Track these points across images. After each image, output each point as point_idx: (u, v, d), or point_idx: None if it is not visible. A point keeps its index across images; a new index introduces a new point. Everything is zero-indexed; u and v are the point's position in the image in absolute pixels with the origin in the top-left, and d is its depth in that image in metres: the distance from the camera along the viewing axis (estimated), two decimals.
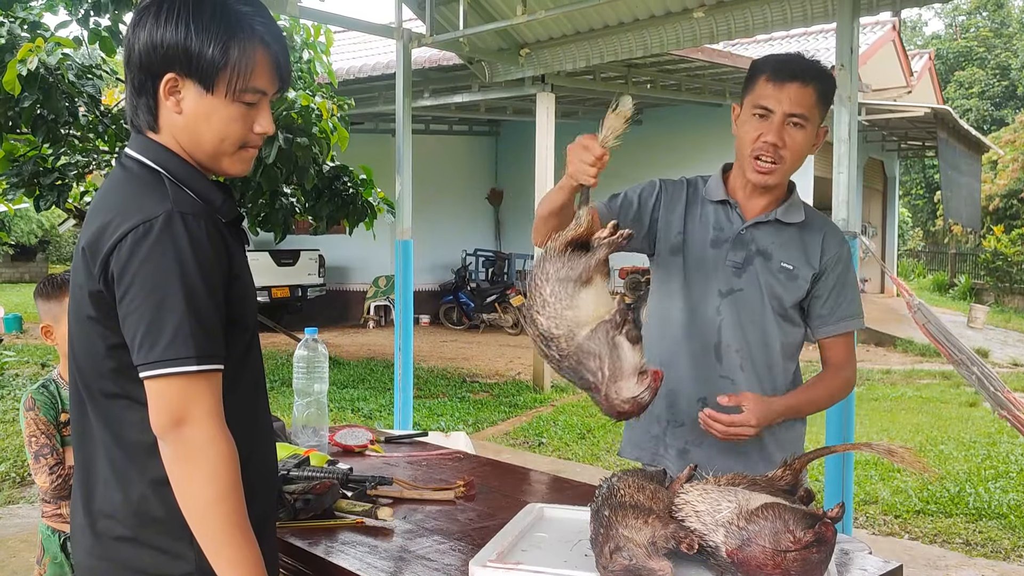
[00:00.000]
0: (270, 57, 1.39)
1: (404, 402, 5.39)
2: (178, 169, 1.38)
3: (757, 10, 5.18)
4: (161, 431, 1.29)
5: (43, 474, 2.29)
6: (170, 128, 1.39)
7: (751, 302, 1.99)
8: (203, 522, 1.29)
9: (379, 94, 10.94)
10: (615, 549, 1.41)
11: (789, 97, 1.89)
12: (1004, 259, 19.24)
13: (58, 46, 5.47)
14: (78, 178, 6.40)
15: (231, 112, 1.37)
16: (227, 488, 1.29)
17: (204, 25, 1.33)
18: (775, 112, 1.90)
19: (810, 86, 1.90)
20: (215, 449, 1.28)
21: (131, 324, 1.28)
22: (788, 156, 1.92)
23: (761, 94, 1.92)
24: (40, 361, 10.05)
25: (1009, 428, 5.81)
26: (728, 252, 2.00)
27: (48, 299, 2.37)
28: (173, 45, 1.33)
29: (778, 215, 2.01)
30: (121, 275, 1.28)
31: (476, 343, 12.71)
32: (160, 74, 1.35)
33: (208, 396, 1.29)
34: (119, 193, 1.37)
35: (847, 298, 2.02)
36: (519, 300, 13.44)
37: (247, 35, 1.36)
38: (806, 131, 1.92)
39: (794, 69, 1.91)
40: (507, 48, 6.69)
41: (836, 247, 2.01)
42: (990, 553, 4.53)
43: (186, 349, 1.27)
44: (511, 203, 15.93)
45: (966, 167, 15.74)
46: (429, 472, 2.36)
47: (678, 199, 2.08)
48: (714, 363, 2.00)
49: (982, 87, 31.74)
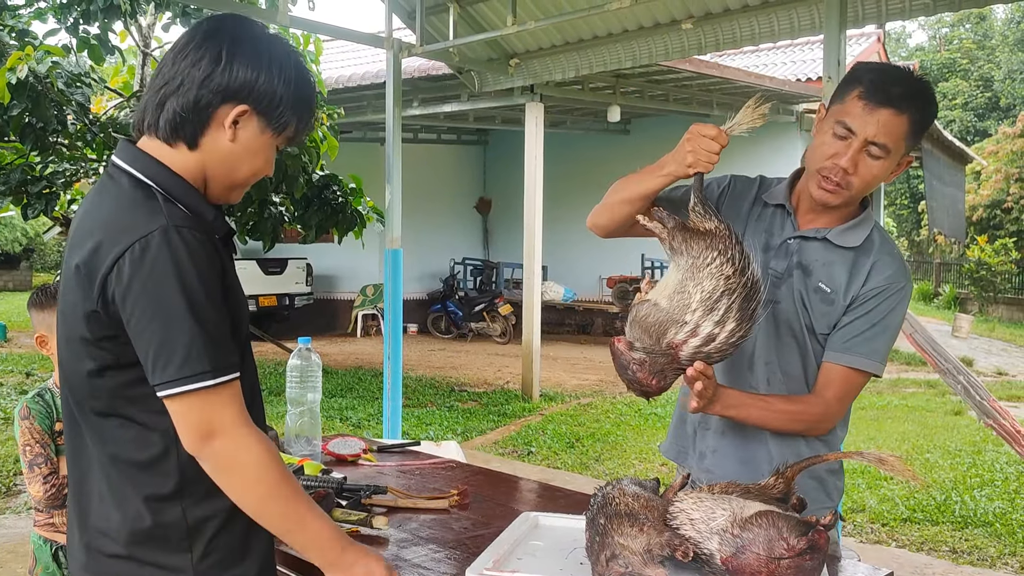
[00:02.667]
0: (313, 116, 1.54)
1: (393, 411, 5.39)
2: (169, 183, 1.37)
3: (744, 22, 5.24)
4: (194, 449, 1.31)
5: (36, 483, 2.28)
6: (210, 152, 1.40)
7: (787, 316, 1.87)
8: (264, 519, 1.35)
9: (368, 103, 10.95)
10: (611, 557, 1.42)
11: (877, 123, 1.71)
12: (988, 269, 19.42)
13: (47, 54, 5.47)
14: (66, 186, 6.39)
15: (269, 146, 1.45)
16: (274, 484, 1.33)
17: (298, 80, 1.43)
18: (857, 135, 1.73)
19: (905, 115, 1.72)
20: (250, 454, 1.32)
21: (142, 345, 1.29)
22: (856, 184, 1.77)
23: (848, 111, 1.74)
24: (24, 370, 9.97)
25: (994, 436, 5.87)
26: (771, 260, 1.89)
27: (42, 309, 2.36)
28: (264, 85, 1.39)
29: (830, 235, 1.85)
30: (124, 297, 1.28)
31: (464, 352, 12.70)
32: (234, 101, 1.38)
33: (231, 405, 1.32)
34: (110, 208, 1.35)
35: (869, 335, 1.81)
36: (507, 309, 13.46)
37: (311, 97, 1.48)
38: (884, 163, 1.75)
39: (891, 93, 1.71)
40: (496, 58, 6.72)
41: (883, 279, 1.82)
42: (976, 561, 4.56)
43: (200, 364, 1.28)
44: (499, 212, 15.95)
45: (950, 177, 15.88)
46: (422, 481, 2.36)
47: (746, 196, 1.97)
48: (745, 372, 1.91)
49: (965, 98, 32.06)
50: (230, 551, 1.40)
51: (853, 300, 1.83)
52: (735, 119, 1.67)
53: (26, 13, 6.21)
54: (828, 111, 1.82)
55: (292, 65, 1.43)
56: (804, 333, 1.87)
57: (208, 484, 1.37)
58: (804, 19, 5.01)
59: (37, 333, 2.39)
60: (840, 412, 1.87)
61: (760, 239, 1.92)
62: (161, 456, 1.36)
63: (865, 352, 1.82)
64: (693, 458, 2.00)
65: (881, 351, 1.83)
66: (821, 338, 1.87)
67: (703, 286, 1.57)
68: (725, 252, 1.58)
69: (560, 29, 6.16)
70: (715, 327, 1.57)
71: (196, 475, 1.35)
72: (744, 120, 1.66)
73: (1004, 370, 11.65)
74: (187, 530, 1.36)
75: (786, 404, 1.86)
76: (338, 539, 1.40)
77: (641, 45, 5.98)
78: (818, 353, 1.88)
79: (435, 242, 14.75)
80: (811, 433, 1.88)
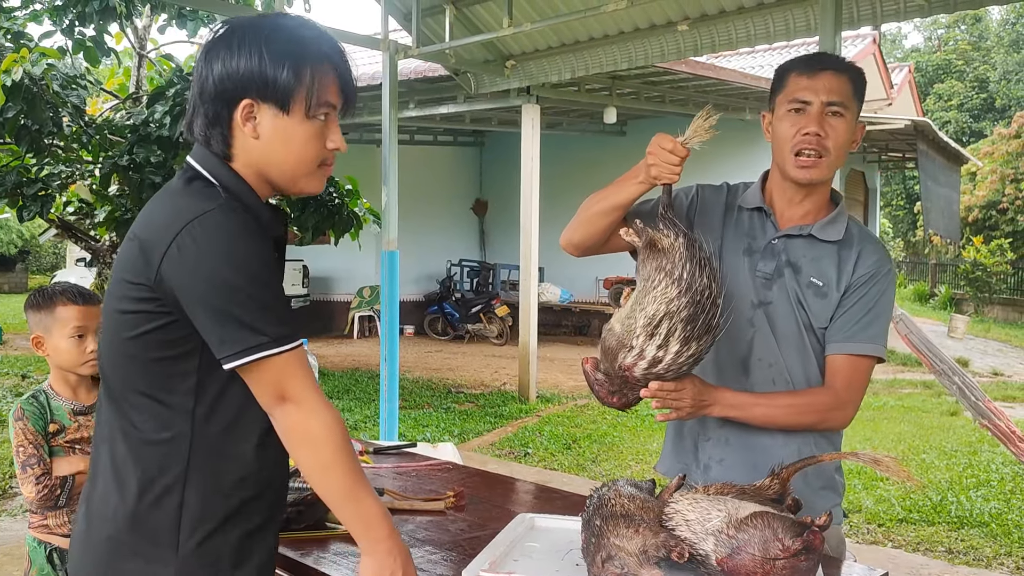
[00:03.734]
0: (336, 73, 1.43)
1: (389, 413, 5.39)
2: (230, 181, 1.41)
3: (740, 24, 5.25)
4: (268, 408, 1.38)
5: (29, 484, 2.28)
6: (246, 155, 1.42)
7: (783, 316, 1.89)
8: (322, 486, 1.39)
9: (365, 105, 10.93)
10: (607, 558, 1.43)
11: (825, 86, 1.81)
12: (984, 269, 19.46)
13: (43, 56, 5.47)
14: (61, 188, 6.39)
15: (307, 131, 1.41)
16: (338, 453, 1.37)
17: (277, 50, 1.38)
18: (812, 103, 1.82)
19: (844, 75, 1.84)
20: (320, 420, 1.36)
21: (202, 320, 1.32)
22: (831, 147, 1.83)
23: (795, 88, 1.84)
24: (20, 372, 9.95)
25: (990, 437, 5.88)
26: (759, 262, 1.92)
27: (39, 310, 2.36)
28: (248, 71, 1.37)
29: (813, 231, 1.90)
30: (181, 273, 1.31)
31: (461, 353, 12.70)
32: (235, 101, 1.38)
33: (298, 372, 1.35)
34: (173, 195, 1.40)
35: (866, 321, 1.86)
36: (504, 310, 13.46)
37: (315, 54, 1.41)
38: (846, 120, 1.83)
39: (825, 61, 1.87)
40: (493, 60, 6.72)
41: (870, 266, 1.87)
42: (972, 561, 4.57)
43: (263, 334, 1.31)
44: (496, 214, 15.96)
45: (945, 179, 15.91)
46: (418, 483, 2.37)
47: (717, 204, 2.00)
48: (740, 376, 1.91)
49: (961, 99, 32.15)
50: (222, 556, 1.39)
51: (846, 290, 1.87)
52: (688, 132, 1.68)
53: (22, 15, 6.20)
54: (773, 110, 1.90)
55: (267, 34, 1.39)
56: (802, 331, 1.88)
57: (216, 482, 1.38)
58: (799, 21, 5.02)
59: (33, 334, 2.38)
60: (852, 400, 1.87)
61: (742, 243, 1.94)
62: (175, 438, 1.37)
63: (866, 337, 1.85)
64: (698, 472, 1.97)
65: (881, 335, 1.87)
66: (819, 333, 1.88)
67: (646, 311, 1.62)
68: (672, 272, 1.62)
69: (556, 31, 6.16)
70: (658, 351, 1.62)
71: (205, 467, 1.37)
72: (696, 132, 1.67)
73: (1000, 371, 11.68)
74: (179, 520, 1.37)
75: (791, 398, 1.87)
76: (384, 522, 1.41)
77: (637, 47, 5.99)
78: (817, 351, 1.89)
79: (432, 244, 14.75)
80: (825, 425, 1.89)
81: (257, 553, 1.44)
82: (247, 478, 1.41)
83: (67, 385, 2.39)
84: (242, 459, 1.41)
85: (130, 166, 5.82)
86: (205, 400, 1.38)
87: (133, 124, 6.06)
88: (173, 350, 1.36)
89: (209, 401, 1.38)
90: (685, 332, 1.61)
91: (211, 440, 1.39)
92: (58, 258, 27.34)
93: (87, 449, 2.31)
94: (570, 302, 14.54)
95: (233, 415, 1.40)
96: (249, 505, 1.42)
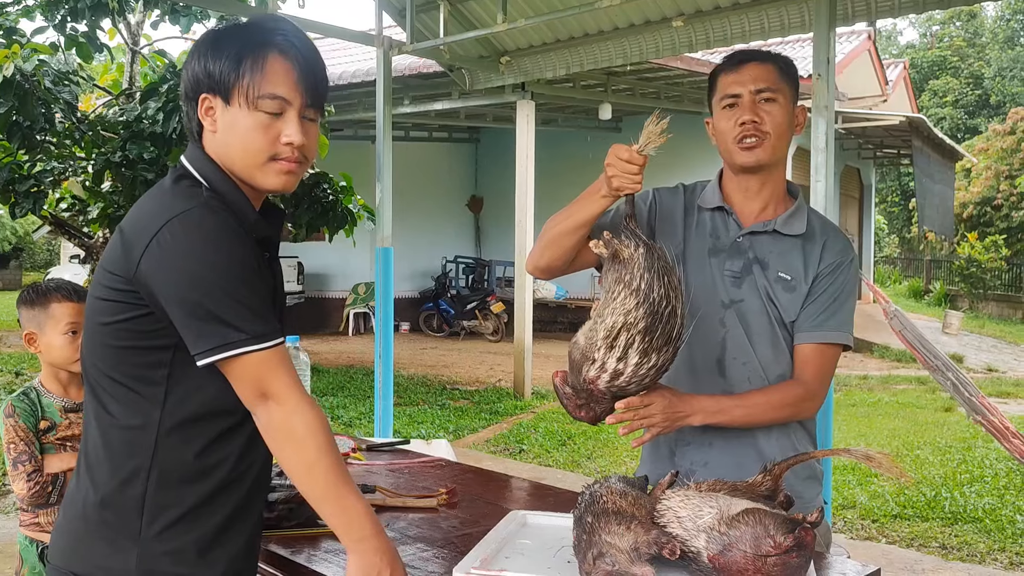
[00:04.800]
0: (287, 66, 1.41)
1: (384, 410, 5.38)
2: (217, 180, 1.42)
3: (735, 20, 5.24)
4: (249, 405, 1.38)
5: (20, 481, 2.27)
6: (213, 150, 1.44)
7: (755, 313, 1.90)
8: (306, 485, 1.39)
9: (359, 101, 10.92)
10: (598, 555, 1.42)
11: (751, 76, 1.87)
12: (978, 266, 19.51)
13: (34, 52, 5.44)
14: (54, 185, 6.36)
15: (251, 121, 1.40)
16: (322, 451, 1.37)
17: (222, 43, 1.41)
18: (742, 94, 1.87)
19: (768, 63, 1.89)
20: (303, 418, 1.36)
21: (179, 315, 1.32)
22: (770, 129, 1.87)
23: (724, 85, 1.91)
24: (14, 370, 9.92)
25: (984, 433, 5.89)
26: (725, 261, 1.92)
27: (32, 307, 2.35)
28: (200, 69, 1.42)
29: (777, 226, 1.92)
30: (160, 270, 1.32)
31: (456, 350, 12.69)
32: (195, 98, 1.43)
33: (279, 370, 1.36)
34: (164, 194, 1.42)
35: (832, 309, 1.88)
36: (499, 307, 13.45)
37: (259, 43, 1.41)
38: (780, 104, 1.88)
39: (747, 54, 1.92)
40: (487, 56, 6.71)
41: (834, 256, 1.90)
42: (966, 557, 4.58)
43: (239, 331, 1.32)
44: (491, 210, 15.94)
45: (940, 175, 15.94)
46: (411, 480, 2.36)
47: (676, 207, 2.00)
48: (717, 378, 1.91)
49: (956, 96, 32.20)
50: (188, 547, 1.39)
51: (813, 281, 1.89)
52: (641, 139, 1.68)
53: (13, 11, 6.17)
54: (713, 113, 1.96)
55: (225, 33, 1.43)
56: (774, 326, 1.89)
57: (183, 473, 1.39)
58: (794, 17, 5.01)
59: (26, 331, 2.37)
60: (822, 390, 1.90)
61: (707, 244, 1.95)
62: (143, 427, 1.38)
63: (834, 326, 1.88)
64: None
65: (847, 322, 1.90)
66: (790, 327, 1.90)
67: (606, 322, 1.61)
68: (630, 284, 1.61)
69: (551, 27, 6.15)
70: (618, 363, 1.60)
71: (172, 458, 1.39)
72: (649, 139, 1.67)
73: (994, 367, 11.71)
74: (142, 508, 1.38)
75: (762, 395, 1.87)
76: (369, 520, 1.41)
77: (632, 43, 5.98)
78: (789, 344, 1.91)
79: (427, 240, 14.74)
80: (800, 416, 1.91)
81: (227, 545, 1.44)
82: (215, 471, 1.42)
83: (58, 382, 2.38)
84: (208, 454, 1.41)
85: (123, 162, 5.80)
86: (177, 391, 1.39)
87: (126, 120, 6.04)
88: (146, 340, 1.37)
89: (180, 393, 1.39)
90: (644, 344, 1.58)
91: (179, 431, 1.39)
92: (52, 255, 27.28)
93: (78, 446, 2.30)
94: (565, 299, 14.54)
95: (203, 409, 1.40)
96: (217, 497, 1.42)
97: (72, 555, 1.41)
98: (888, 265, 27.61)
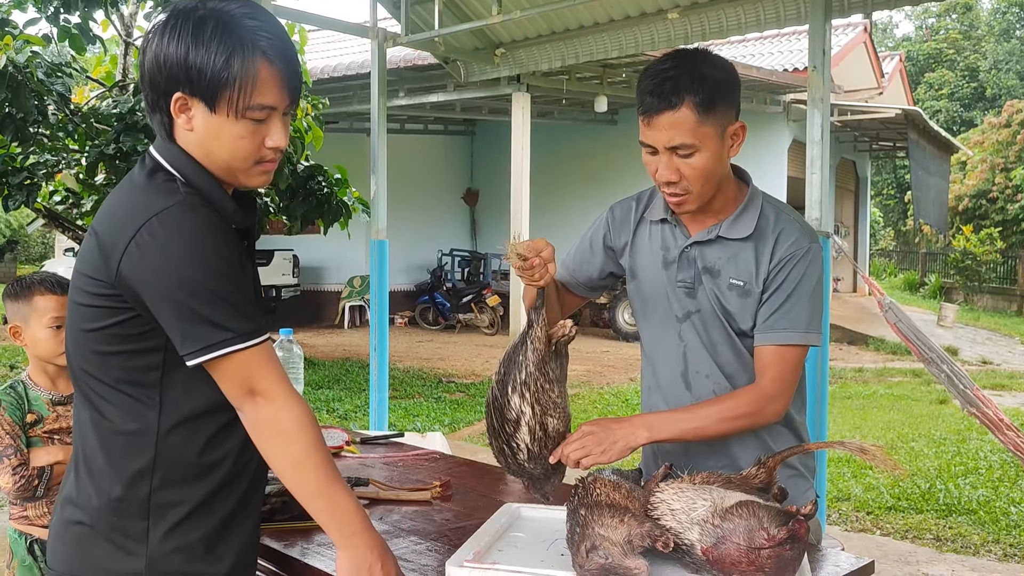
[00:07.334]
0: (275, 72, 1.36)
1: (379, 402, 5.37)
2: (193, 174, 1.37)
3: (731, 12, 5.22)
4: (236, 404, 1.36)
5: (6, 475, 2.26)
6: (185, 143, 1.39)
7: (712, 323, 1.82)
8: (294, 482, 1.37)
9: (354, 93, 10.89)
10: (591, 548, 1.42)
11: (665, 133, 1.68)
12: (973, 258, 19.55)
13: (27, 44, 5.40)
14: (47, 177, 6.32)
15: (238, 130, 1.36)
16: (309, 448, 1.36)
17: (205, 41, 1.32)
18: (657, 148, 1.71)
19: (681, 107, 1.66)
20: (290, 415, 1.35)
21: (165, 316, 1.31)
22: (692, 184, 1.72)
23: (642, 130, 1.73)
24: (8, 363, 9.90)
25: (978, 425, 5.90)
26: (677, 272, 1.85)
27: (17, 299, 2.34)
28: (176, 63, 1.33)
29: (721, 231, 1.81)
30: (142, 271, 1.29)
31: (452, 343, 12.69)
32: (168, 92, 1.35)
33: (266, 367, 1.34)
34: (133, 189, 1.38)
35: (786, 308, 1.76)
36: (495, 300, 13.44)
37: (249, 51, 1.33)
38: (702, 154, 1.69)
39: (658, 98, 1.67)
40: (482, 48, 6.68)
41: (786, 249, 1.77)
42: (960, 548, 4.59)
43: (226, 330, 1.30)
44: (487, 203, 15.93)
45: (935, 168, 15.96)
46: (405, 473, 2.35)
47: (627, 221, 1.95)
48: (684, 391, 1.87)
49: (951, 89, 32.21)
50: (196, 544, 1.39)
51: (767, 278, 1.78)
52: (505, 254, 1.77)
53: (6, 2, 6.13)
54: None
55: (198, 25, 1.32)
56: (731, 335, 1.82)
57: (186, 471, 1.38)
58: (790, 9, 4.99)
59: (11, 324, 2.36)
60: (782, 393, 1.76)
61: (658, 256, 1.89)
62: (142, 430, 1.37)
63: (786, 325, 1.76)
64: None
65: (803, 319, 1.76)
66: (750, 332, 1.81)
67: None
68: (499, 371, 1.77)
69: (546, 19, 6.12)
70: (516, 447, 1.82)
71: (174, 458, 1.37)
72: (510, 255, 1.73)
73: (988, 359, 11.74)
74: (148, 509, 1.36)
75: (712, 406, 1.77)
76: (359, 518, 1.40)
77: (628, 35, 5.95)
78: (751, 349, 1.82)
79: (422, 233, 14.72)
80: (760, 423, 1.78)
81: (232, 540, 1.43)
82: (219, 466, 1.40)
83: (45, 375, 2.37)
84: (210, 450, 1.40)
85: (117, 155, 5.77)
86: (172, 391, 1.37)
87: (120, 112, 6.00)
88: (135, 344, 1.35)
89: (176, 392, 1.37)
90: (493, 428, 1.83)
91: (179, 430, 1.38)
92: (47, 248, 27.20)
93: (66, 439, 2.30)
94: None
95: (200, 407, 1.38)
96: (219, 494, 1.41)
97: (75, 560, 1.39)
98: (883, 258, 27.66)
